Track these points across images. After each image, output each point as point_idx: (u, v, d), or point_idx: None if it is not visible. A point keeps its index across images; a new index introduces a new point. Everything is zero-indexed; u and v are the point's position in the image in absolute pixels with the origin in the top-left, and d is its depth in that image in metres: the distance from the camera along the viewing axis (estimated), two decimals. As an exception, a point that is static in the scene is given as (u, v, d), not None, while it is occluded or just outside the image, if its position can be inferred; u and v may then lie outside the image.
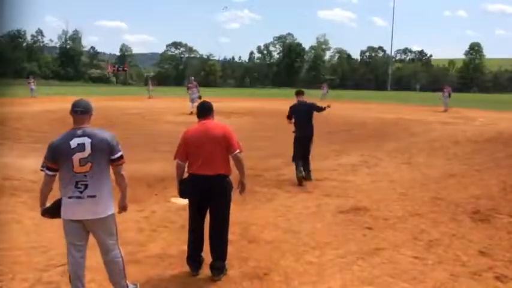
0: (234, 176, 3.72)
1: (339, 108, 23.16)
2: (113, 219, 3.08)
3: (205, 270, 3.70)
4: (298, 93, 7.36)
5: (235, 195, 3.77)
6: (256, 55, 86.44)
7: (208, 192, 3.59)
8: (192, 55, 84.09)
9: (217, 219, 3.67)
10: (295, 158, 7.08)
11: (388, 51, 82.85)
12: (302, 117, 7.14)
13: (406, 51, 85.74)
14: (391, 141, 11.99)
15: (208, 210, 3.70)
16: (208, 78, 73.39)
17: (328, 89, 35.31)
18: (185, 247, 3.80)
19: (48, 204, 3.05)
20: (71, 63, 69.59)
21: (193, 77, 22.30)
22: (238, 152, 3.62)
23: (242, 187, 3.79)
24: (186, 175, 3.75)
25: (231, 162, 3.69)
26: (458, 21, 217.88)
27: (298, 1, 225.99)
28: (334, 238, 4.60)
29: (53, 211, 3.03)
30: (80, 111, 2.97)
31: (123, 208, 3.19)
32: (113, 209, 3.06)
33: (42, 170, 2.99)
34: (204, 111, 3.77)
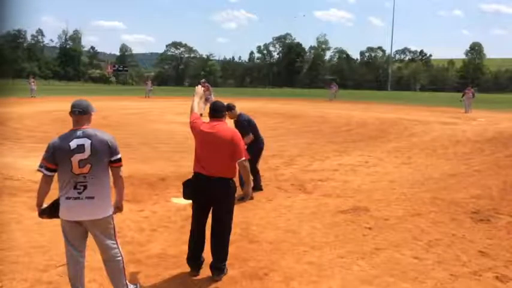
0: (237, 178, 3.72)
1: (339, 108, 23.19)
2: (112, 220, 3.07)
3: (205, 270, 3.70)
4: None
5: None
6: (256, 55, 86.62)
7: (211, 194, 3.58)
8: (192, 55, 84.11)
9: (220, 221, 3.66)
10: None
11: (386, 51, 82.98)
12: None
13: (405, 51, 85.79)
14: (391, 141, 12.00)
15: (210, 211, 3.70)
16: (208, 78, 73.49)
17: (338, 88, 33.25)
18: (185, 247, 3.80)
19: (45, 205, 3.02)
20: (71, 63, 69.64)
21: (204, 79, 21.60)
22: (244, 160, 3.60)
23: (246, 196, 3.78)
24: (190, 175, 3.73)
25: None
26: (455, 20, 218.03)
27: (295, 1, 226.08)
28: (334, 238, 4.60)
29: (50, 212, 3.00)
30: (79, 112, 2.95)
31: (118, 209, 3.16)
32: (111, 210, 3.05)
33: (39, 171, 2.93)
34: (216, 113, 3.70)
